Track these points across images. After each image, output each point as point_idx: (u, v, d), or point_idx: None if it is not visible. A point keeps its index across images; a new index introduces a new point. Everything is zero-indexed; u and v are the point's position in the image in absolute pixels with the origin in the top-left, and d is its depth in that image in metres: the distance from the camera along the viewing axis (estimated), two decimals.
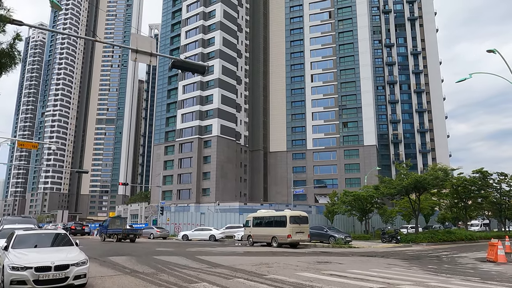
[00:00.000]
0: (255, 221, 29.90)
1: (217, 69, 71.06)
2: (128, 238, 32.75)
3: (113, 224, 34.22)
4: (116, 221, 35.09)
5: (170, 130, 75.71)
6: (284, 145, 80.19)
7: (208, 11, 75.49)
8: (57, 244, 10.04)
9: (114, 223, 34.44)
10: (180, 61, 10.71)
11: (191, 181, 69.32)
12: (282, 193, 78.00)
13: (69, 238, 10.42)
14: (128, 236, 32.75)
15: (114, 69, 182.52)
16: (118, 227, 33.88)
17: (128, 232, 33.23)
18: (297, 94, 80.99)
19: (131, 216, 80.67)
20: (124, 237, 32.49)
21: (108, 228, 33.86)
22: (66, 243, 10.13)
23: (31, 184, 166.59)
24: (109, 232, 33.56)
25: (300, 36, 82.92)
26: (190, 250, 22.14)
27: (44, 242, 9.94)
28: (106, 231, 33.87)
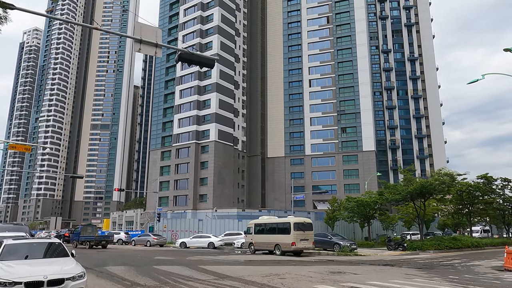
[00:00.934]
0: (257, 228, 28.89)
1: (214, 74, 70.21)
2: (100, 244, 34.14)
3: (85, 232, 35.31)
4: (88, 229, 36.23)
5: (167, 135, 74.56)
6: (282, 150, 79.27)
7: (205, 15, 74.82)
8: (51, 255, 9.00)
9: (86, 231, 35.59)
10: (188, 54, 9.78)
11: (188, 187, 68.08)
12: (280, 199, 76.94)
13: (64, 248, 9.38)
14: (100, 242, 34.23)
15: (110, 74, 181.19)
16: (90, 234, 34.95)
17: (100, 239, 34.77)
18: (295, 99, 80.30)
19: (126, 223, 79.15)
20: (96, 243, 33.87)
21: (80, 235, 34.60)
22: (60, 253, 9.09)
23: (24, 190, 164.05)
24: (81, 239, 34.22)
25: (298, 41, 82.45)
26: (192, 259, 21.05)
27: (36, 253, 8.91)
28: (78, 238, 34.55)
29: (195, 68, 72.25)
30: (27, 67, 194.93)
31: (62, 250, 9.24)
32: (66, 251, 9.21)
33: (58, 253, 9.06)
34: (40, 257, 8.76)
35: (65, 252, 9.17)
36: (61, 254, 9.05)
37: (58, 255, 8.99)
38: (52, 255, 8.97)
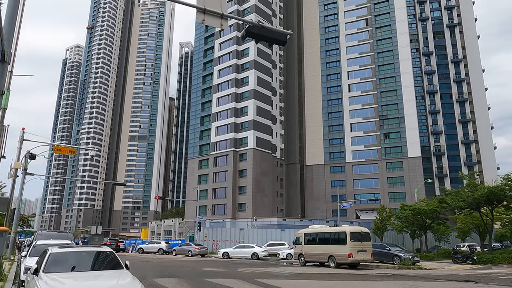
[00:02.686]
0: (307, 237, 26.85)
1: (252, 80, 69.20)
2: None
3: (92, 241, 36.66)
4: (95, 238, 37.61)
5: (205, 143, 74.03)
6: (321, 158, 76.72)
7: (241, 9, 74.28)
8: (102, 266, 7.59)
9: (93, 240, 36.92)
10: (257, 28, 8.17)
11: (226, 196, 66.87)
12: (321, 209, 74.21)
13: (117, 258, 7.93)
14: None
15: (146, 87, 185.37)
16: (97, 243, 35.44)
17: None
18: (334, 105, 77.81)
19: (164, 232, 78.92)
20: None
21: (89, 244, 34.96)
22: (113, 264, 7.65)
23: (67, 200, 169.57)
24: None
25: (335, 46, 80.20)
26: (243, 271, 19.35)
27: (85, 264, 7.52)
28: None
29: (232, 75, 71.68)
30: (69, 82, 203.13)
31: (115, 260, 7.82)
32: (119, 262, 7.77)
33: (110, 264, 7.64)
34: (89, 268, 7.37)
35: (118, 262, 7.73)
36: (114, 265, 7.62)
37: (110, 266, 7.56)
38: (104, 266, 7.57)
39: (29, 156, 20.84)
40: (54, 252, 7.51)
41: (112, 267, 7.52)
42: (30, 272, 7.40)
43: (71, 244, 13.80)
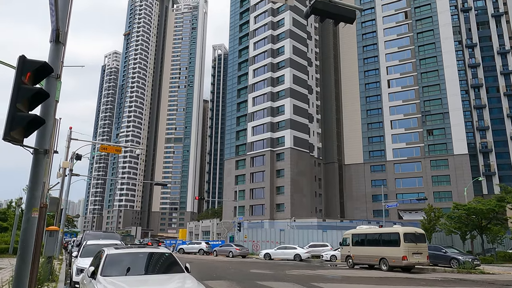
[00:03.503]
0: (355, 239, 25.58)
1: (288, 79, 68.20)
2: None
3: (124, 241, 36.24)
4: (126, 238, 37.93)
5: (241, 143, 73.75)
6: (360, 157, 74.43)
7: (276, 20, 73.50)
8: (162, 269, 6.97)
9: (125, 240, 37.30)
10: (323, 3, 7.28)
11: (264, 196, 66.20)
12: (361, 209, 71.96)
13: (177, 260, 7.29)
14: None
15: (181, 90, 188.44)
16: (128, 243, 34.84)
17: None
18: (372, 102, 75.32)
19: (202, 233, 79.36)
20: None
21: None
22: (173, 267, 6.99)
23: (107, 202, 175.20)
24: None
25: (373, 40, 77.66)
26: (292, 274, 18.46)
27: (144, 266, 6.93)
28: None
29: (268, 74, 70.99)
30: (108, 87, 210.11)
31: (175, 262, 7.17)
32: (180, 264, 7.11)
33: (170, 267, 7.00)
34: (150, 271, 6.76)
35: (178, 265, 7.07)
36: (174, 268, 6.97)
37: (171, 269, 6.91)
38: (164, 269, 6.94)
39: (76, 156, 20.96)
40: (111, 254, 6.95)
41: (173, 270, 6.87)
42: (86, 275, 6.91)
43: (121, 245, 13.45)
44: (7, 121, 4.53)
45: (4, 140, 4.57)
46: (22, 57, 4.76)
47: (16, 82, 4.67)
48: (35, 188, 4.94)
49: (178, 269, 6.95)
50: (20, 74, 4.70)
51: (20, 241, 4.81)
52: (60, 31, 5.30)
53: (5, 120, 4.57)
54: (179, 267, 7.00)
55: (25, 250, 4.80)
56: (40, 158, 5.03)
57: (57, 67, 5.30)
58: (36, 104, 4.91)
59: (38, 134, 5.12)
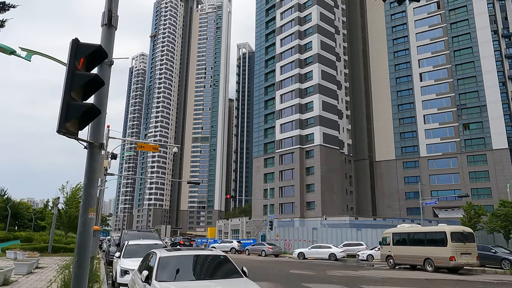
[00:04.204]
0: (396, 238, 24.48)
1: (316, 74, 66.99)
2: None
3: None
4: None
5: (269, 141, 73.12)
6: (392, 153, 72.30)
7: (303, 15, 72.34)
8: (221, 273, 6.44)
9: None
10: None
11: (294, 194, 65.34)
12: (393, 207, 69.93)
13: (233, 263, 6.74)
14: None
15: (207, 89, 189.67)
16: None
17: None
18: (404, 96, 72.97)
19: (232, 231, 79.25)
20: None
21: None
22: (231, 271, 6.44)
23: (137, 201, 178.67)
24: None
25: (404, 33, 75.18)
26: (335, 275, 17.69)
27: (200, 270, 6.46)
28: None
29: (295, 71, 70.04)
30: (136, 89, 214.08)
31: (232, 266, 6.63)
32: (237, 268, 6.56)
33: (228, 271, 6.46)
34: (207, 276, 6.24)
35: (236, 269, 6.53)
36: (232, 272, 6.42)
37: (229, 273, 6.36)
38: (222, 273, 6.40)
39: (111, 156, 20.92)
40: (164, 256, 6.46)
41: (231, 274, 6.32)
42: (139, 279, 6.45)
43: (161, 244, 13.12)
44: (62, 111, 4.08)
45: (59, 132, 4.12)
46: (75, 41, 4.30)
47: (70, 68, 4.21)
48: (91, 185, 4.48)
49: (236, 273, 6.41)
50: (73, 59, 4.24)
51: (77, 246, 4.35)
52: (113, 12, 4.83)
53: (59, 111, 4.12)
54: (236, 271, 6.46)
55: (83, 255, 4.35)
56: (96, 152, 4.58)
57: (110, 52, 4.83)
58: (91, 92, 4.45)
59: (92, 127, 4.67)
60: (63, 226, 38.59)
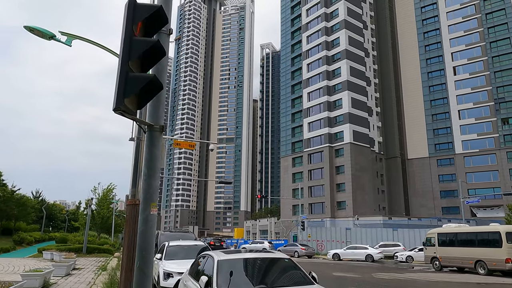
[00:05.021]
0: (441, 238, 23.00)
1: (344, 71, 65.38)
2: None
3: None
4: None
5: (297, 140, 71.95)
6: (425, 150, 69.67)
7: (330, 11, 70.85)
8: (287, 279, 5.58)
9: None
10: None
11: (323, 194, 63.94)
12: (428, 206, 67.35)
13: (301, 268, 5.90)
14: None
15: (231, 91, 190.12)
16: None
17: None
18: (437, 91, 70.21)
19: (260, 232, 78.60)
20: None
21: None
22: (300, 278, 5.60)
23: (165, 202, 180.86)
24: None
25: (435, 26, 72.37)
26: (382, 278, 16.57)
27: (265, 276, 5.58)
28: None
29: (323, 68, 68.66)
30: None
31: (300, 271, 5.79)
32: (306, 274, 5.72)
33: (296, 277, 5.60)
34: (275, 283, 5.38)
35: (304, 275, 5.69)
36: (302, 278, 5.58)
37: (298, 280, 5.50)
38: (289, 280, 5.52)
39: None
40: (223, 260, 5.66)
41: (300, 281, 5.47)
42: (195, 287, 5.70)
43: (202, 245, 12.43)
44: (119, 85, 3.35)
45: (116, 111, 3.39)
46: (133, 1, 3.55)
47: (127, 33, 3.48)
48: (151, 176, 3.73)
49: (305, 279, 5.57)
50: (130, 23, 3.50)
51: (138, 249, 3.60)
52: None
53: (116, 85, 3.39)
54: (306, 278, 5.61)
55: (145, 260, 3.59)
56: (156, 136, 3.84)
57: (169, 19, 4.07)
58: (151, 63, 3.71)
59: (150, 106, 3.93)
60: (95, 227, 38.91)
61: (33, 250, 30.73)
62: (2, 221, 41.03)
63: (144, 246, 3.59)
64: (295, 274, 5.67)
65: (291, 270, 5.78)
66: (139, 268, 3.54)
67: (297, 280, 5.50)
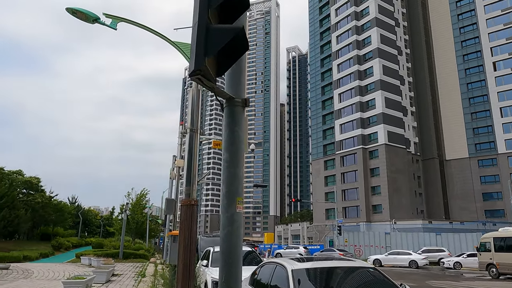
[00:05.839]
0: (498, 243, 21.20)
1: (377, 70, 63.40)
2: None
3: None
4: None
5: (328, 143, 70.31)
6: (465, 150, 66.41)
7: (360, 9, 69.09)
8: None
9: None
10: None
11: (358, 197, 61.96)
12: (469, 209, 63.97)
13: (391, 281, 4.91)
14: None
15: (258, 95, 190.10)
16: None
17: None
18: (476, 89, 66.94)
19: (292, 237, 77.21)
20: None
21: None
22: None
23: None
24: None
25: (472, 20, 69.19)
26: (439, 286, 15.16)
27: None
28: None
29: (354, 68, 66.98)
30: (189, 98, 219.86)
31: (389, 282, 4.79)
32: (397, 286, 4.73)
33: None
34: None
35: (395, 286, 4.69)
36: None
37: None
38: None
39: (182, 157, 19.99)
40: (298, 269, 4.75)
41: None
42: None
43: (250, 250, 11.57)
44: (198, 40, 2.55)
45: (194, 75, 2.59)
46: None
47: None
48: (235, 163, 2.88)
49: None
50: None
51: (222, 257, 2.75)
52: None
53: (194, 42, 2.58)
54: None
55: (232, 273, 2.71)
56: (239, 112, 2.99)
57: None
58: (233, 16, 2.85)
59: (229, 74, 3.10)
60: (130, 232, 38.94)
61: (71, 255, 30.93)
62: (41, 226, 41.84)
63: (229, 253, 2.73)
64: (385, 287, 4.69)
65: (379, 281, 4.81)
66: (225, 284, 2.68)
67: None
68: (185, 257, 5.59)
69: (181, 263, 5.72)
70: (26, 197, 38.88)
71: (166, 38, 6.47)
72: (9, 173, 38.22)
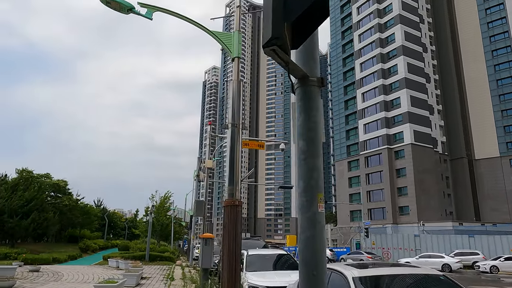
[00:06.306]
0: None
1: (401, 68, 61.89)
2: None
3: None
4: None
5: (352, 143, 69.05)
6: (495, 149, 63.98)
7: (382, 7, 67.69)
8: None
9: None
10: None
11: (383, 199, 60.50)
12: (501, 210, 61.52)
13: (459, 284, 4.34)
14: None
15: (278, 96, 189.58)
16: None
17: None
18: (506, 85, 64.46)
19: None
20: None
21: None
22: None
23: (216, 209, 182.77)
24: None
25: (501, 14, 66.78)
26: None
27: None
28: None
29: (378, 66, 65.65)
30: (210, 101, 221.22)
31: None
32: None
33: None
34: None
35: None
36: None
37: None
38: None
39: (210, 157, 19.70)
40: (361, 277, 4.21)
41: None
42: None
43: (285, 254, 11.10)
44: (274, 5, 2.10)
45: (269, 46, 2.16)
46: None
47: None
48: (314, 153, 2.39)
49: None
50: None
51: (305, 267, 2.25)
52: None
53: (269, 7, 2.14)
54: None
55: (319, 284, 2.23)
56: (315, 93, 2.52)
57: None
58: None
59: (302, 51, 2.63)
60: (155, 234, 39.07)
61: (98, 258, 31.14)
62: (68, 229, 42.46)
63: (316, 265, 2.23)
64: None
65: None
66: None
67: None
68: (231, 262, 5.18)
69: (226, 268, 5.30)
70: (54, 200, 39.56)
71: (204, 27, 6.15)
72: (38, 177, 38.98)
